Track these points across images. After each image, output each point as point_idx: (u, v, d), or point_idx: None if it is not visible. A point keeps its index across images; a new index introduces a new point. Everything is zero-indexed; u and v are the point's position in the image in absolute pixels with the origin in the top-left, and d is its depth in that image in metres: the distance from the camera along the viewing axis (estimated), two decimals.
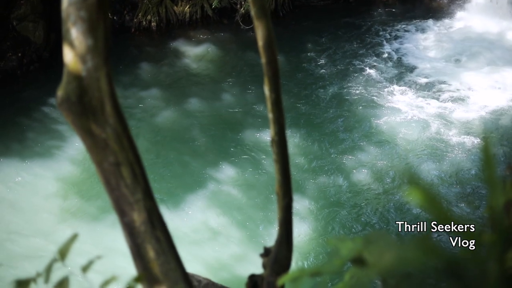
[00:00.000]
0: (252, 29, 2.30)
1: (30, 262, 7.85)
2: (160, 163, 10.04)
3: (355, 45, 14.28)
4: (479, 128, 10.76)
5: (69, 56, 1.94)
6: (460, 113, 11.30)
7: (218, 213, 8.89)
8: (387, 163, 9.92)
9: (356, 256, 1.26)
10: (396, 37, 14.72)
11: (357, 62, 13.44)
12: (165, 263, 2.13)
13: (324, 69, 13.16)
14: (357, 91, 12.19)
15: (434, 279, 1.03)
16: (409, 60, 13.53)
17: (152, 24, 15.12)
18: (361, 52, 13.95)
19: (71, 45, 1.92)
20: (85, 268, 1.60)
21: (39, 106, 11.47)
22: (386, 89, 12.24)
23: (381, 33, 14.94)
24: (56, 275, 1.61)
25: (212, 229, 8.62)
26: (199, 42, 14.51)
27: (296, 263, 7.67)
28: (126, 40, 14.48)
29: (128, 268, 2.22)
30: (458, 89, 12.15)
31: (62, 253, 1.69)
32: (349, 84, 12.50)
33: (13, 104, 11.65)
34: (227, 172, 9.82)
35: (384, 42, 14.43)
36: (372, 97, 11.93)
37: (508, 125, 10.89)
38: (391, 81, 12.61)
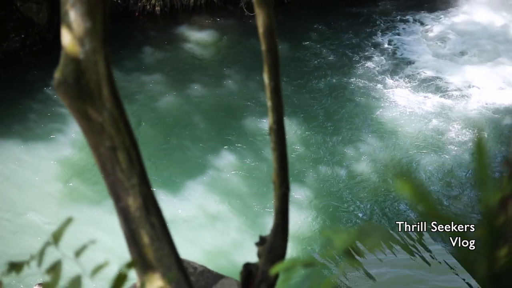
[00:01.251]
0: None
1: (28, 241, 7.89)
2: (159, 148, 10.04)
3: (356, 36, 14.19)
4: (479, 124, 10.71)
5: (67, 38, 1.92)
6: (460, 109, 11.25)
7: (216, 200, 8.91)
8: (384, 156, 9.91)
9: (349, 248, 1.26)
10: (398, 29, 14.62)
11: (358, 53, 13.38)
12: (159, 249, 2.13)
13: (325, 60, 13.10)
14: (356, 83, 12.15)
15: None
16: (410, 53, 13.44)
17: (156, 8, 15.04)
18: (362, 43, 13.87)
19: (69, 27, 1.91)
20: (78, 253, 1.60)
21: (41, 88, 11.44)
22: (386, 82, 12.20)
23: (383, 24, 14.85)
24: (54, 257, 1.60)
25: (209, 216, 8.64)
26: (203, 28, 14.44)
27: (291, 252, 7.69)
28: (129, 24, 14.41)
29: (126, 252, 2.22)
30: (458, 84, 12.07)
31: (56, 237, 1.69)
32: (349, 76, 12.45)
33: (15, 85, 11.62)
34: (226, 159, 9.83)
35: (386, 34, 14.34)
36: (371, 89, 11.89)
37: (510, 122, 10.84)
38: (391, 73, 12.54)
